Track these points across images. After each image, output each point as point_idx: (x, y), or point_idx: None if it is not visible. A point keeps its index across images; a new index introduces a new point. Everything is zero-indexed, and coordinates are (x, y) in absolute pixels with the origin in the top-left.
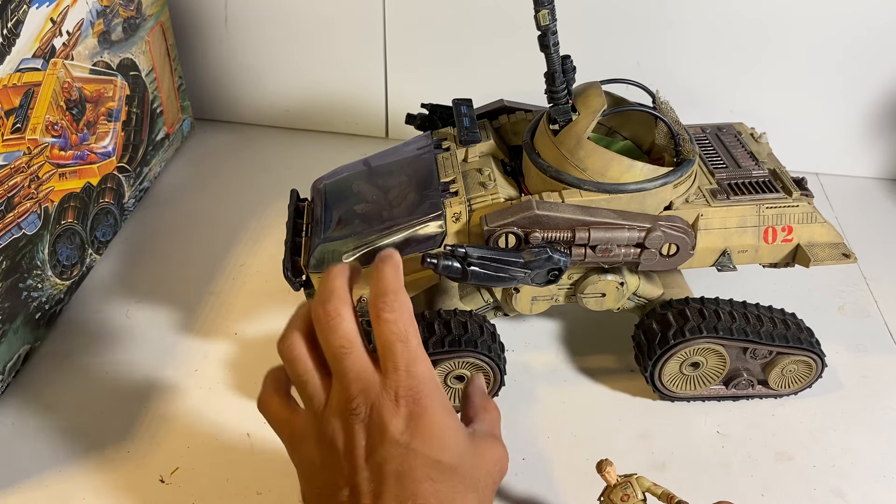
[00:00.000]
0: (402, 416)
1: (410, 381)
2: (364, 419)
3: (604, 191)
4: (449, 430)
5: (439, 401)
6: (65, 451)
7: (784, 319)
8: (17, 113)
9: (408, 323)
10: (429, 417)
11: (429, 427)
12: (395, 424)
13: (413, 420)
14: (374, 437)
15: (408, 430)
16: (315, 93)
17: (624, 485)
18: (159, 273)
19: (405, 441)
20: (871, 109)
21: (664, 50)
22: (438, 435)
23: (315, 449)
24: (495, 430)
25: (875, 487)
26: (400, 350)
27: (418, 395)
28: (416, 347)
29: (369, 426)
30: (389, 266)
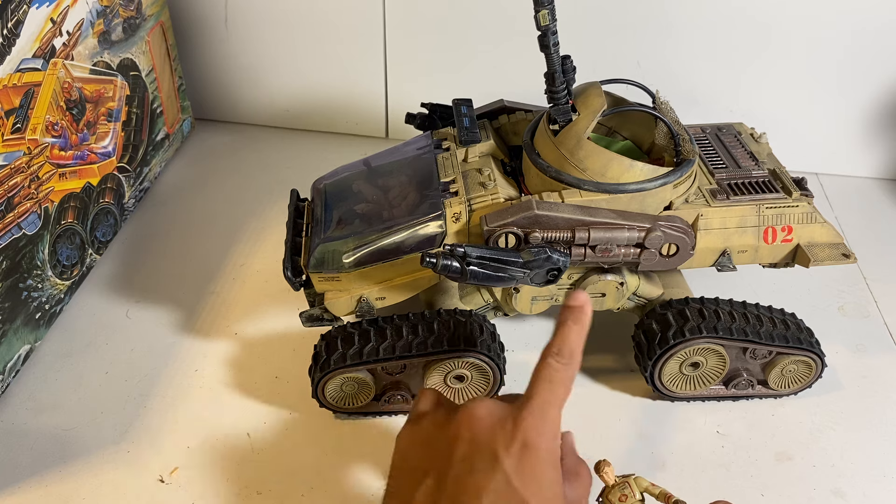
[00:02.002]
0: (516, 443)
1: (538, 416)
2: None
3: (604, 191)
4: (548, 481)
5: (553, 451)
6: (65, 451)
7: (784, 319)
8: (18, 113)
9: (565, 380)
10: (538, 458)
11: (534, 468)
12: (504, 444)
13: (525, 454)
14: (480, 446)
15: (515, 458)
16: (315, 93)
17: (622, 485)
18: (159, 273)
19: (507, 467)
20: (871, 109)
21: (664, 50)
22: (539, 478)
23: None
24: (583, 501)
25: (875, 487)
26: (544, 390)
27: (540, 432)
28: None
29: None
30: (577, 325)
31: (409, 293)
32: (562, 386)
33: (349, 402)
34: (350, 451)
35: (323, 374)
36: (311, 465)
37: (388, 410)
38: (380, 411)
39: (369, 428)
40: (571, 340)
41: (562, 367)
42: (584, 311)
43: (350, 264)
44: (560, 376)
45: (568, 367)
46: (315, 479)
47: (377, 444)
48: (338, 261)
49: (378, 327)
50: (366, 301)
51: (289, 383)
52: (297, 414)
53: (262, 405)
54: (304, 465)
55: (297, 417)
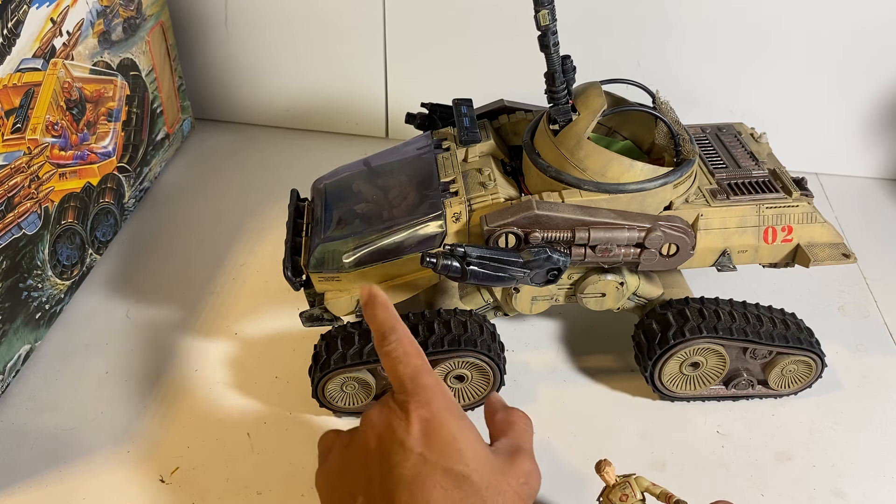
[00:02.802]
0: (413, 424)
1: (417, 391)
2: (378, 427)
3: (604, 191)
4: (463, 439)
5: (452, 410)
6: (65, 451)
7: (784, 319)
8: (18, 113)
9: (406, 348)
10: (440, 424)
11: (440, 435)
12: (404, 430)
13: (426, 427)
14: (385, 444)
15: (421, 438)
16: (315, 93)
17: (622, 485)
18: (159, 273)
19: (418, 449)
20: (871, 109)
21: (664, 50)
22: (451, 442)
23: (335, 459)
24: (523, 443)
25: (875, 487)
26: (402, 370)
27: (428, 403)
28: (419, 365)
29: (383, 435)
30: (377, 309)
31: (409, 293)
32: (408, 357)
33: (349, 402)
34: None
35: (323, 374)
36: (311, 465)
37: None
38: None
39: None
40: (381, 321)
41: (395, 344)
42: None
43: (350, 264)
44: (400, 351)
45: (399, 341)
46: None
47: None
48: (338, 261)
49: None
50: None
51: (289, 383)
52: (297, 414)
53: (262, 405)
54: (304, 465)
55: (297, 417)
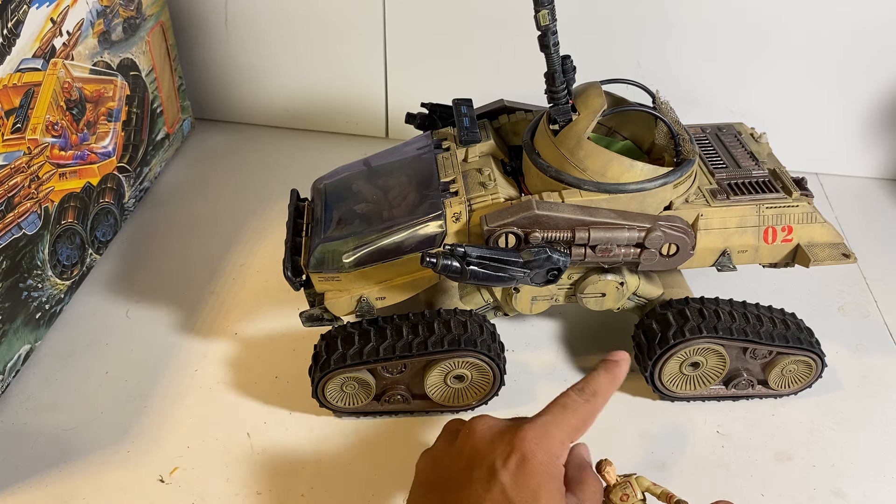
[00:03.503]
0: (513, 455)
1: (539, 432)
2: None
3: (604, 191)
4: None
5: (552, 465)
6: (65, 451)
7: (784, 319)
8: (18, 113)
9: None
10: (535, 470)
11: (530, 478)
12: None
13: (520, 466)
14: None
15: (513, 473)
16: (315, 93)
17: (623, 484)
18: (159, 273)
19: (503, 479)
20: (871, 109)
21: (664, 50)
22: (535, 490)
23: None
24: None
25: (875, 487)
26: (554, 411)
27: (536, 448)
28: (569, 424)
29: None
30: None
31: (409, 293)
32: (574, 414)
33: (349, 401)
34: (350, 451)
35: (323, 374)
36: (311, 465)
37: (388, 410)
38: (380, 411)
39: (369, 428)
40: (597, 382)
41: (581, 400)
42: (620, 366)
43: (350, 264)
44: (575, 405)
45: (587, 402)
46: (315, 479)
47: (377, 444)
48: (338, 261)
49: (378, 327)
50: (366, 301)
51: (289, 383)
52: (297, 414)
53: (262, 405)
54: (304, 465)
55: (297, 417)
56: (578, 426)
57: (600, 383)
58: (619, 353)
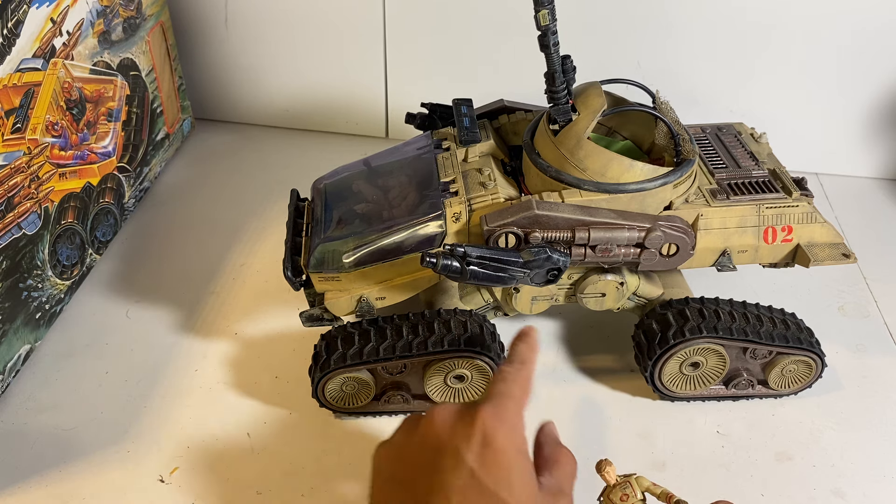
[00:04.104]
0: (476, 441)
1: (495, 410)
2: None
3: (604, 191)
4: (517, 471)
5: (517, 441)
6: (65, 451)
7: (784, 319)
8: (18, 113)
9: (518, 380)
10: (500, 449)
11: (496, 458)
12: (466, 446)
13: (485, 449)
14: (442, 446)
15: (478, 456)
16: (315, 93)
17: (623, 485)
18: (159, 273)
19: (470, 463)
20: (871, 109)
21: (664, 50)
22: (505, 472)
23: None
24: (565, 487)
25: (875, 487)
26: (500, 384)
27: (497, 426)
28: (518, 396)
29: (441, 434)
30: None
31: (409, 293)
32: (515, 383)
33: (349, 402)
34: (350, 451)
35: (323, 374)
36: (311, 465)
37: (388, 410)
38: (380, 411)
39: (369, 428)
40: (520, 350)
41: (513, 370)
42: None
43: (350, 264)
44: (512, 375)
45: (520, 370)
46: (315, 479)
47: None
48: (338, 261)
49: (378, 327)
50: (366, 301)
51: (289, 383)
52: (297, 414)
53: (262, 405)
54: (304, 465)
55: (297, 417)
56: (522, 393)
57: (523, 351)
58: (525, 326)
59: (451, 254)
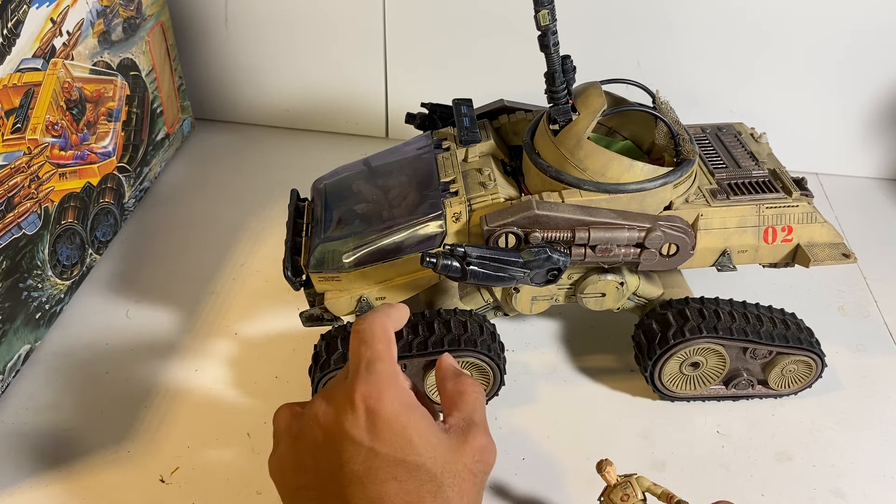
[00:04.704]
0: (360, 415)
1: (369, 378)
2: (323, 421)
3: (604, 191)
4: (413, 428)
5: (402, 399)
6: (65, 451)
7: (784, 319)
8: (18, 113)
9: (375, 329)
10: (389, 415)
11: (390, 426)
12: (352, 423)
13: (372, 418)
14: (334, 439)
15: (368, 429)
16: (315, 93)
17: (624, 485)
18: (159, 273)
19: (366, 441)
20: (871, 109)
21: (664, 50)
22: (401, 433)
23: (284, 451)
24: (475, 416)
25: (875, 487)
26: (362, 352)
27: (378, 392)
28: (382, 350)
29: (329, 428)
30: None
31: (409, 293)
32: (375, 340)
33: None
34: None
35: (323, 374)
36: None
37: None
38: None
39: None
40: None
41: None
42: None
43: (350, 264)
44: (370, 331)
45: (372, 322)
46: None
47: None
48: (338, 261)
49: None
50: (366, 301)
51: (289, 383)
52: None
53: (262, 405)
54: None
55: None
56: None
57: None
58: None
59: (451, 254)
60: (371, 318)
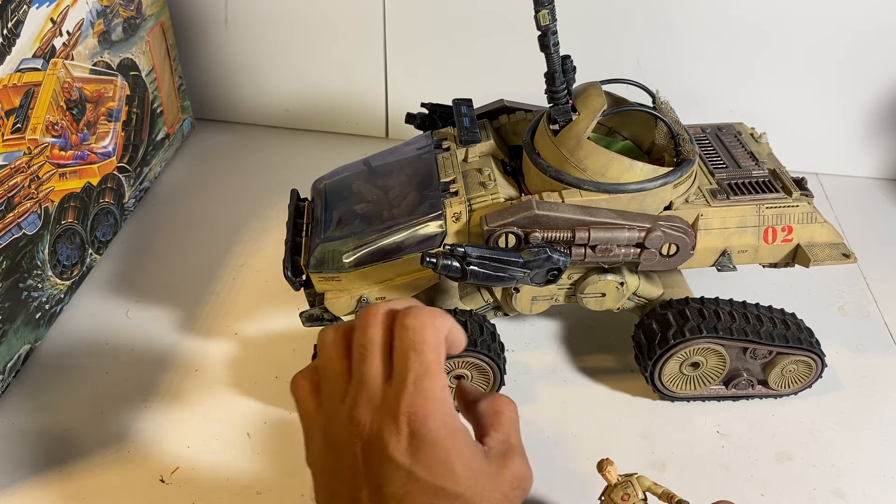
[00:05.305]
0: (403, 436)
1: (416, 396)
2: (364, 434)
3: (604, 191)
4: (456, 455)
5: (448, 423)
6: (65, 451)
7: (784, 319)
8: (18, 113)
9: (428, 334)
10: (433, 440)
11: (432, 451)
12: (395, 445)
13: (416, 441)
14: (374, 455)
15: (410, 452)
16: (315, 93)
17: (624, 484)
18: (159, 273)
19: (406, 464)
20: (871, 109)
21: (664, 50)
22: (444, 460)
23: (323, 451)
24: (513, 439)
25: (875, 487)
26: (412, 360)
27: (424, 414)
28: (432, 362)
29: (370, 442)
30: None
31: (409, 293)
32: (427, 349)
33: None
34: None
35: None
36: None
37: None
38: None
39: None
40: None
41: (418, 324)
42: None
43: (350, 264)
44: (421, 337)
45: (418, 311)
46: None
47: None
48: (338, 261)
49: None
50: (366, 301)
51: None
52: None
53: (262, 405)
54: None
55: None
56: (437, 357)
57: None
58: None
59: (451, 254)
60: (422, 319)
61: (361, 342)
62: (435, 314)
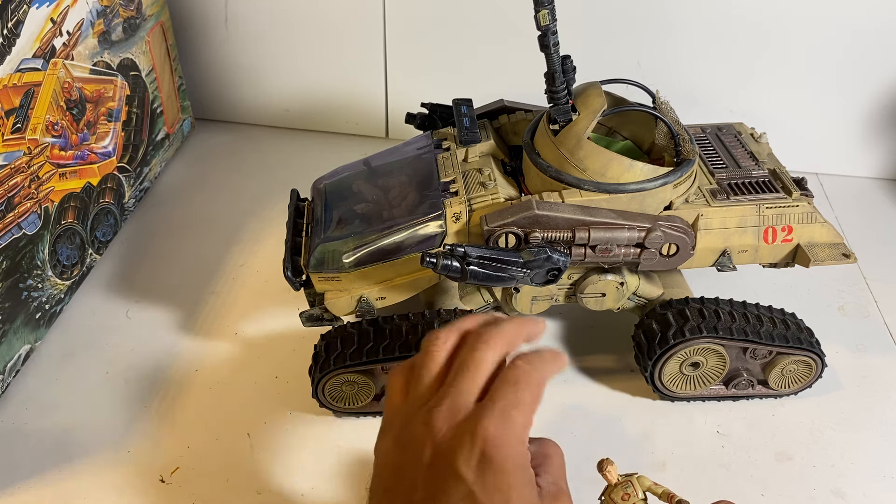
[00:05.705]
0: (475, 455)
1: (500, 422)
2: (437, 439)
3: (604, 191)
4: (517, 489)
5: (517, 459)
6: (65, 451)
7: (784, 319)
8: (18, 113)
9: (534, 377)
10: (500, 468)
11: (497, 477)
12: (464, 459)
13: (485, 463)
14: (441, 463)
15: (477, 471)
16: (315, 93)
17: (625, 484)
18: (159, 273)
19: (470, 481)
20: (871, 109)
21: (664, 50)
22: (504, 489)
23: (392, 445)
24: (562, 483)
25: (875, 487)
26: (507, 392)
27: (502, 442)
28: (527, 402)
29: (441, 449)
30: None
31: (409, 293)
32: (528, 390)
33: (349, 401)
34: (350, 451)
35: (323, 374)
36: (311, 465)
37: None
38: (380, 411)
39: (369, 428)
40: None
41: (529, 368)
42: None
43: (350, 264)
44: (527, 378)
45: (535, 370)
46: (315, 479)
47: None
48: (338, 261)
49: (378, 327)
50: (366, 301)
51: (289, 383)
52: (297, 414)
53: (262, 405)
54: (304, 465)
55: (297, 417)
56: (534, 400)
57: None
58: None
59: (451, 254)
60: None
61: (468, 360)
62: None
